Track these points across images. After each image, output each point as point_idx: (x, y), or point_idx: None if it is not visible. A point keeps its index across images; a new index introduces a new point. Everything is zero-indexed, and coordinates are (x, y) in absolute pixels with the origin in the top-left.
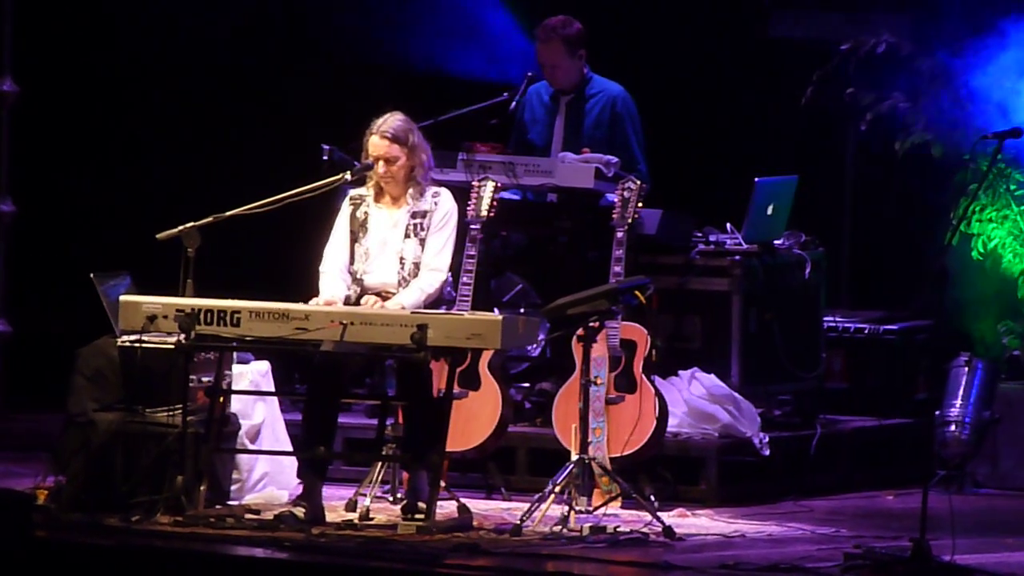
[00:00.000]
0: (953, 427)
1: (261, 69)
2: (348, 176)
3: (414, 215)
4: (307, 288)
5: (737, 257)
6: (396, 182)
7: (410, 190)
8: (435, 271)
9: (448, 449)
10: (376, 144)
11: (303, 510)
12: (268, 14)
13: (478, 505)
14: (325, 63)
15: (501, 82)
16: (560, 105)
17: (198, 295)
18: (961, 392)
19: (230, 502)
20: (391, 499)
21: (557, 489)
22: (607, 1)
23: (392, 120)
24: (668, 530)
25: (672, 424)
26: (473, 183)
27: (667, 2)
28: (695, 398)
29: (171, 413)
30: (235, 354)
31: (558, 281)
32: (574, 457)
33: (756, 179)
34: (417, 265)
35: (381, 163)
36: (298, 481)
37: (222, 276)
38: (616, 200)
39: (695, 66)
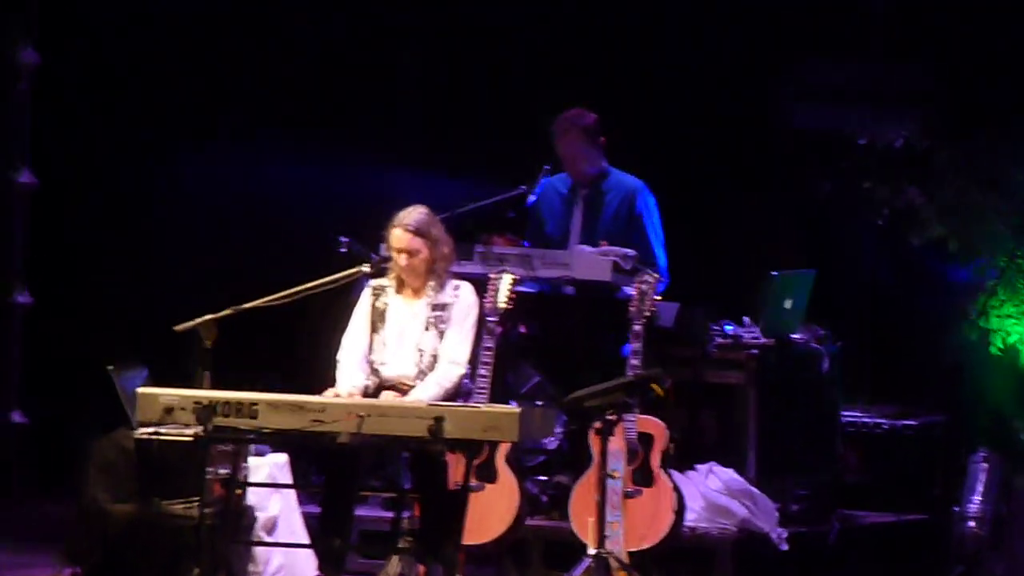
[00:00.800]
0: (971, 523)
1: (279, 158)
2: (366, 268)
3: (434, 307)
4: (324, 379)
5: (754, 351)
6: (417, 274)
7: (431, 282)
8: (454, 364)
9: (464, 542)
10: (398, 237)
11: None
12: (286, 106)
13: None
14: (344, 154)
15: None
16: (578, 198)
17: (215, 387)
18: (980, 488)
19: None
20: None
21: None
22: (627, 91)
23: (415, 213)
24: None
25: (689, 518)
26: (490, 275)
27: (687, 93)
28: (712, 492)
29: (188, 505)
30: (252, 446)
31: (574, 374)
32: (591, 551)
33: (773, 272)
34: (435, 357)
35: (403, 255)
36: (316, 573)
37: (239, 367)
38: (633, 293)
39: (713, 157)
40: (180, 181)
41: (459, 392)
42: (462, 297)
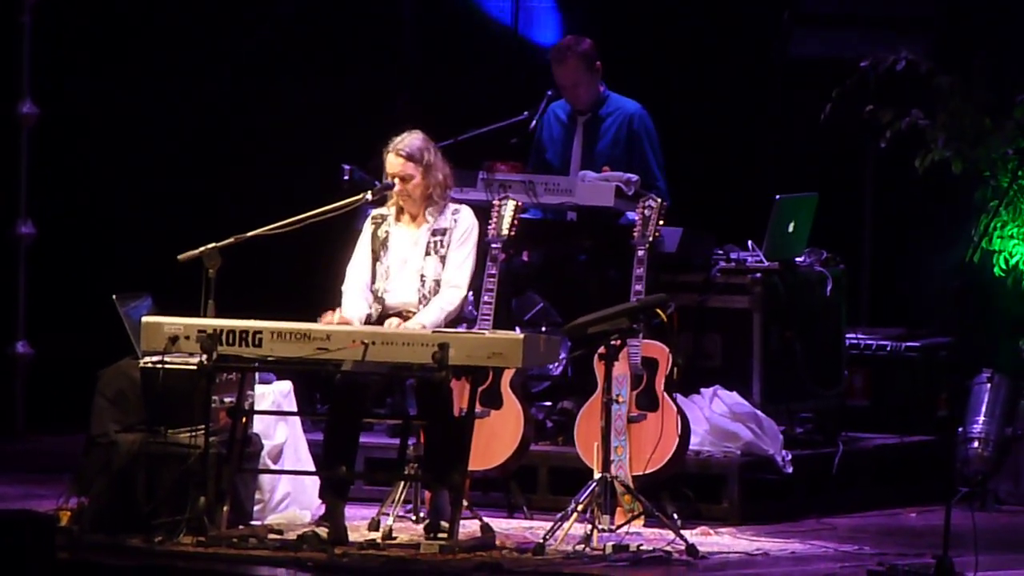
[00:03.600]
0: (975, 444)
1: (282, 87)
2: (368, 196)
3: (434, 232)
4: (327, 308)
5: (758, 275)
6: (412, 200)
7: (429, 208)
8: (455, 288)
9: (470, 468)
10: (391, 161)
11: (326, 530)
12: (290, 33)
13: (500, 524)
14: (346, 82)
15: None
16: (577, 124)
17: (220, 315)
18: (983, 409)
19: (252, 522)
20: (413, 518)
21: (579, 508)
22: (628, 20)
23: (409, 138)
24: (691, 548)
25: (694, 442)
26: (493, 202)
27: (687, 21)
28: (717, 416)
29: (193, 434)
30: (257, 374)
31: (579, 300)
32: (596, 475)
33: (776, 196)
34: (438, 283)
35: (397, 180)
36: (320, 501)
37: (243, 296)
38: (636, 218)
39: (715, 84)
40: (184, 108)
41: (462, 317)
42: (461, 221)
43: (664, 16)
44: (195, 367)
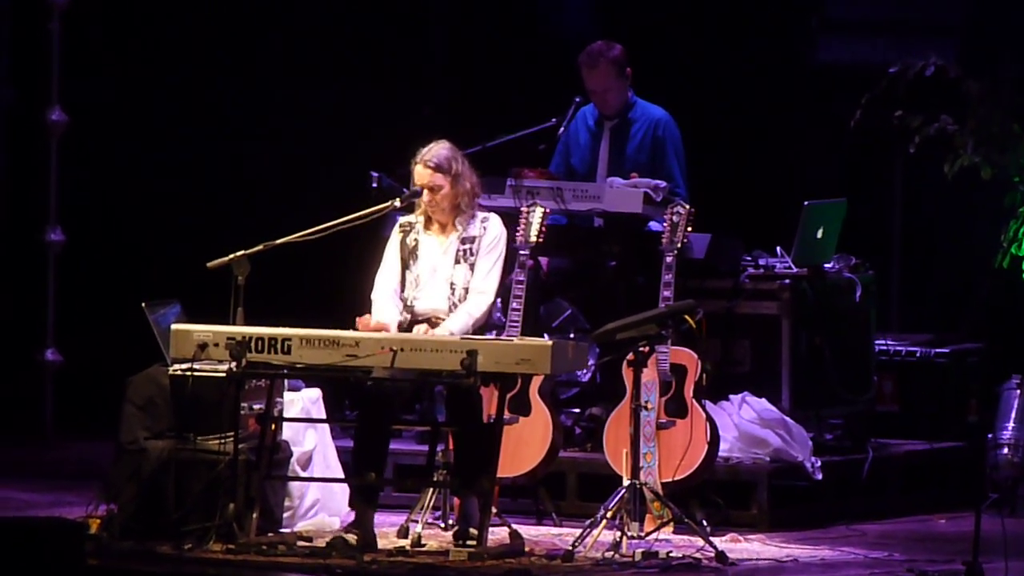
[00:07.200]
0: (1005, 449)
1: (310, 93)
2: (397, 203)
3: (463, 240)
4: (356, 315)
5: (787, 281)
6: (442, 210)
7: (458, 217)
8: (482, 294)
9: (499, 475)
10: (420, 173)
11: (355, 536)
12: (316, 42)
13: (529, 531)
14: (373, 88)
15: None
16: (605, 130)
17: (249, 323)
18: (1013, 414)
19: (282, 529)
20: (442, 525)
21: (609, 514)
22: (656, 26)
23: (437, 148)
24: (720, 555)
25: (723, 449)
26: (522, 209)
27: (715, 27)
28: (746, 422)
29: (222, 441)
30: (286, 381)
31: (607, 306)
32: (625, 482)
33: (805, 202)
34: (467, 290)
35: (426, 191)
36: (350, 509)
37: (272, 303)
38: (665, 224)
39: (744, 90)
40: (213, 115)
41: (490, 324)
42: (490, 229)
43: (692, 22)
44: (224, 374)
